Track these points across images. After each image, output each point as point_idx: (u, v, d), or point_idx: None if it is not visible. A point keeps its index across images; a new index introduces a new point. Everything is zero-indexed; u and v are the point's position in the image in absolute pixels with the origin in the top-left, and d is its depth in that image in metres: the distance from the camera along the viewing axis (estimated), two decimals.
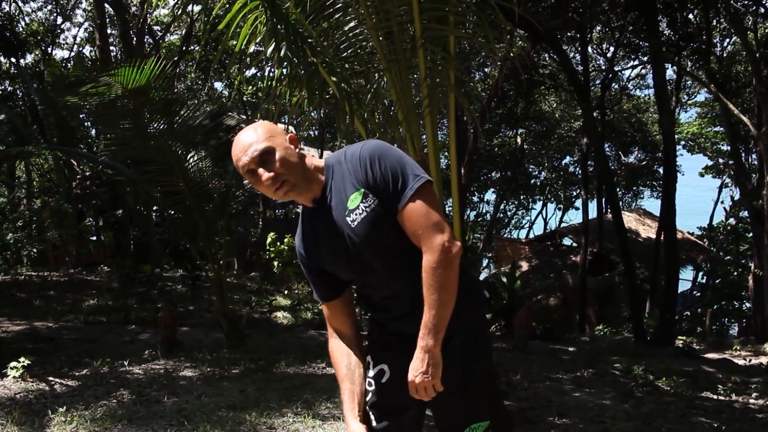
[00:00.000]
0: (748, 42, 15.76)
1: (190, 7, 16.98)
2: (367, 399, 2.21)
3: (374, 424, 2.18)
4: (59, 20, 22.52)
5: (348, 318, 2.25)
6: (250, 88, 21.52)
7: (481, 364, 2.20)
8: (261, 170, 1.99)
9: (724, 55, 20.02)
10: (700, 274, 29.29)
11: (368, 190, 2.00)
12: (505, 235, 33.39)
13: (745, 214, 23.54)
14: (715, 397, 6.44)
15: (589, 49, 20.06)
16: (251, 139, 2.01)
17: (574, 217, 33.64)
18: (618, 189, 26.92)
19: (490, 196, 31.72)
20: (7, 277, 13.39)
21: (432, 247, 1.95)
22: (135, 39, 16.77)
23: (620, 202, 24.68)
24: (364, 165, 2.00)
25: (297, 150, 2.06)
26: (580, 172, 26.15)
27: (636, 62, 21.59)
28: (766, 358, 11.15)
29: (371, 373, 2.22)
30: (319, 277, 2.21)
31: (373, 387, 2.20)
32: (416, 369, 2.01)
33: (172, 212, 8.37)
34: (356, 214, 2.00)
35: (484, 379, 2.22)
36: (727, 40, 20.25)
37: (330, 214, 2.07)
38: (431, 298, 1.96)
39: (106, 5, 16.16)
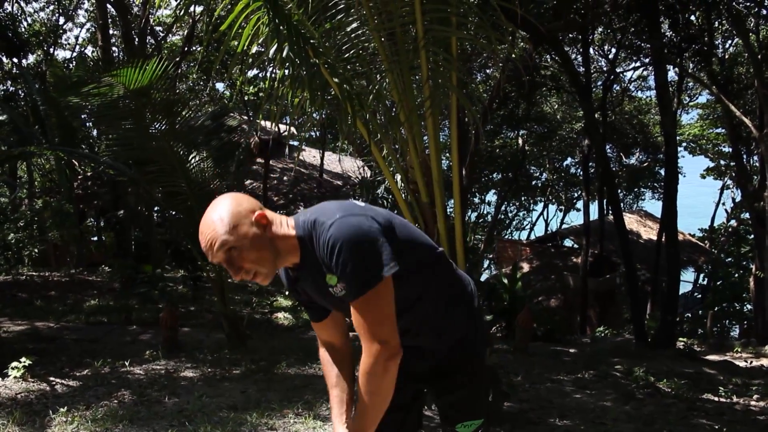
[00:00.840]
0: (750, 44, 15.74)
1: (192, 8, 17.01)
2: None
3: None
4: (61, 21, 22.55)
5: (337, 332, 2.24)
6: (251, 88, 21.53)
7: (476, 369, 2.25)
8: (229, 269, 1.90)
9: (726, 56, 20.00)
10: (702, 275, 29.27)
11: (335, 276, 1.92)
12: (506, 237, 33.33)
13: (747, 216, 23.50)
14: (716, 399, 6.44)
15: (591, 50, 20.04)
16: (214, 233, 1.86)
17: (576, 218, 33.63)
18: (619, 190, 26.89)
19: (492, 197, 31.67)
20: (9, 277, 13.41)
21: (369, 353, 1.92)
22: (137, 39, 16.77)
23: (621, 204, 24.64)
24: (328, 253, 1.88)
25: (266, 230, 1.92)
26: (581, 173, 26.10)
27: (638, 64, 21.60)
28: (767, 360, 11.13)
29: None
30: (305, 303, 2.20)
31: None
32: None
33: (174, 213, 8.38)
34: (337, 290, 1.95)
35: (479, 382, 2.27)
36: (729, 41, 20.24)
37: (312, 279, 2.03)
38: (363, 399, 1.97)
39: (109, 6, 16.19)
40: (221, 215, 1.88)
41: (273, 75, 4.18)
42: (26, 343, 7.52)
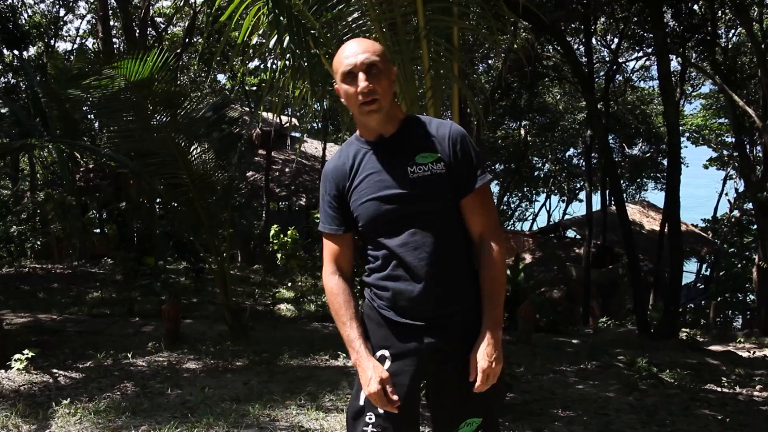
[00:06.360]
0: (754, 33, 15.67)
1: None
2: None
3: (380, 410, 2.12)
4: (62, 12, 22.49)
5: (350, 258, 2.22)
6: (253, 79, 21.50)
7: None
8: (362, 76, 2.01)
9: (729, 46, 19.91)
10: (704, 266, 29.26)
11: (444, 160, 2.08)
12: (509, 228, 33.34)
13: (750, 206, 23.46)
14: (719, 389, 6.43)
15: (594, 40, 19.97)
16: (367, 48, 2.06)
17: (578, 209, 33.61)
18: (622, 181, 26.84)
19: (494, 188, 31.65)
20: (11, 269, 13.43)
21: (498, 238, 2.12)
22: (138, 31, 16.71)
23: (624, 194, 24.62)
24: (453, 140, 2.09)
25: (394, 85, 2.13)
26: (583, 164, 26.08)
27: (640, 54, 21.52)
28: None
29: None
30: (339, 206, 2.17)
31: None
32: (491, 355, 2.06)
33: (176, 205, 8.37)
34: (420, 169, 2.07)
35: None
36: (733, 31, 20.16)
37: (390, 157, 2.11)
38: (500, 286, 2.10)
39: None
40: (375, 44, 2.11)
41: (274, 66, 4.17)
42: (29, 335, 7.54)
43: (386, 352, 2.14)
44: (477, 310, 2.12)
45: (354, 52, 2.05)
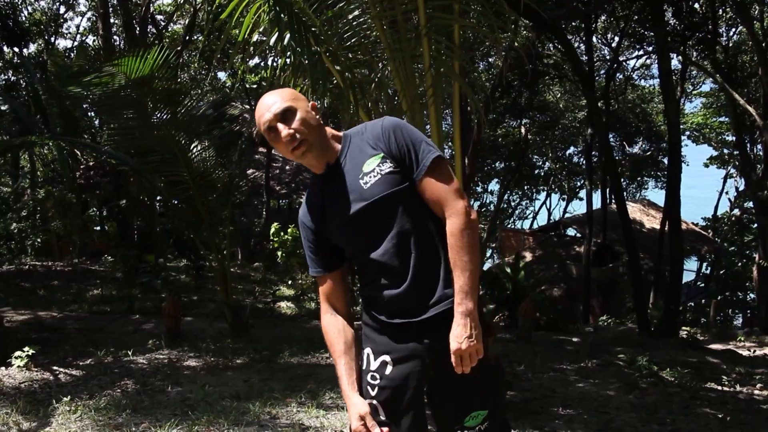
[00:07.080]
0: (754, 31, 15.65)
1: None
2: (374, 393, 2.17)
3: (382, 418, 2.14)
4: (62, 9, 22.48)
5: (343, 293, 2.27)
6: (253, 77, 21.48)
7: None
8: (281, 126, 2.06)
9: (730, 44, 19.89)
10: (705, 264, 29.25)
11: (388, 156, 2.09)
12: (509, 226, 33.31)
13: (750, 204, 23.45)
14: (719, 388, 6.43)
15: (594, 38, 19.95)
16: (275, 99, 2.11)
17: (578, 207, 33.59)
18: (622, 179, 26.79)
19: (494, 186, 31.59)
20: (12, 266, 13.42)
21: (456, 211, 2.05)
22: (138, 28, 16.69)
23: (624, 193, 24.59)
24: (387, 134, 2.10)
25: (317, 116, 2.15)
26: (584, 162, 26.05)
27: (641, 52, 21.49)
28: None
29: (374, 365, 2.18)
30: (320, 248, 2.24)
31: (378, 381, 2.17)
32: (460, 336, 2.01)
33: (176, 202, 8.38)
34: (370, 177, 2.08)
35: (482, 370, 2.15)
36: (733, 29, 20.14)
37: (342, 180, 2.13)
38: (463, 260, 2.03)
39: None
40: (281, 92, 2.16)
41: (274, 63, 4.16)
42: (29, 332, 7.54)
43: (387, 357, 2.16)
44: None
45: (266, 107, 2.10)
